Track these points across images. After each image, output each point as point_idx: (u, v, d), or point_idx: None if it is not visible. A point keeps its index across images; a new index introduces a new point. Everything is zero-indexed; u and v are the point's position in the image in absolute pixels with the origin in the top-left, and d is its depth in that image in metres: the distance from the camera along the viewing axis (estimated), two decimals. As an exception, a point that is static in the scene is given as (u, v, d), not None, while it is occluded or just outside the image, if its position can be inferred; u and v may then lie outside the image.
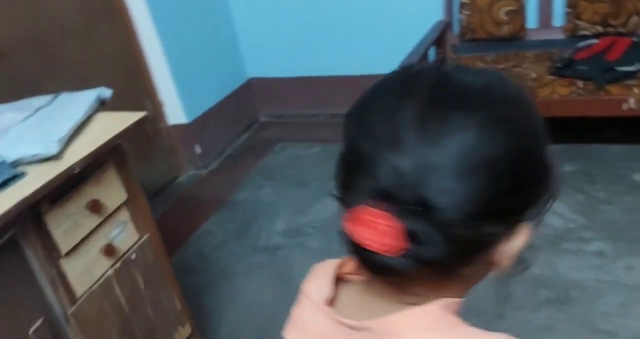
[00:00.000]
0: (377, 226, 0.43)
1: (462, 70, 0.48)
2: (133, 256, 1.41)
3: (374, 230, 0.43)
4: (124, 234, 1.38)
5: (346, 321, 0.49)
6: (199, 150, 3.02)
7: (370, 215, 0.43)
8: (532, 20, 2.56)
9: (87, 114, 1.33)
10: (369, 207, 0.43)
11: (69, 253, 1.21)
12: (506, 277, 1.75)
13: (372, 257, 0.44)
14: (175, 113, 2.86)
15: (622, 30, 2.31)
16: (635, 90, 2.11)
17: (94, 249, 1.29)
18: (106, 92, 1.43)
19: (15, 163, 1.14)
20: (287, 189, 2.65)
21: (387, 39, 2.94)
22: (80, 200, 1.23)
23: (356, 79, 3.11)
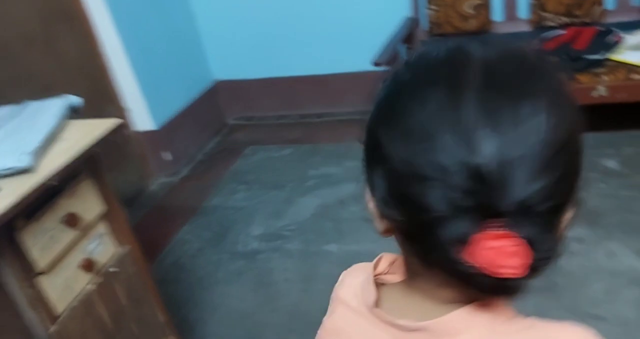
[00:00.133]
0: (504, 249, 0.37)
1: (494, 48, 0.43)
2: (113, 270, 1.34)
3: (503, 255, 0.37)
4: (103, 247, 1.32)
5: (401, 323, 0.46)
6: (169, 157, 2.94)
7: (490, 240, 0.38)
8: (498, 13, 2.58)
9: (58, 123, 1.26)
10: (483, 232, 0.38)
11: (47, 270, 1.15)
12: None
13: (502, 283, 0.39)
14: (142, 119, 2.77)
15: (587, 20, 2.35)
16: (603, 77, 2.14)
17: (73, 264, 1.23)
18: (76, 99, 1.37)
19: (-16, 178, 1.07)
20: (262, 192, 2.60)
21: (355, 37, 2.92)
22: (55, 214, 1.16)
23: (325, 78, 3.09)
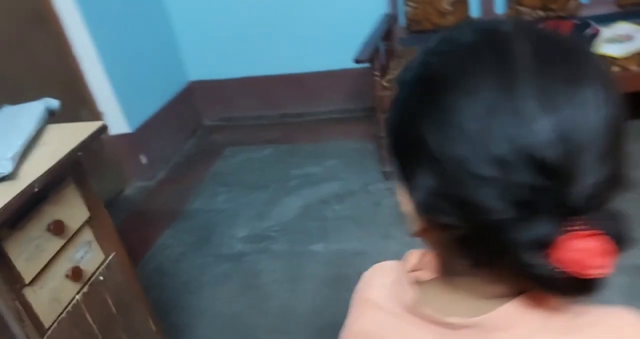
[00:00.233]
0: (593, 249, 0.36)
1: (530, 30, 0.40)
2: (101, 278, 1.30)
3: (592, 256, 0.36)
4: (90, 255, 1.27)
5: (449, 320, 0.44)
6: (145, 160, 2.87)
7: (577, 241, 0.36)
8: (475, 9, 2.59)
9: (38, 127, 1.21)
10: (567, 233, 0.36)
11: (33, 281, 1.10)
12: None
13: (586, 284, 0.37)
14: (116, 122, 2.70)
15: (562, 13, 2.37)
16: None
17: (59, 274, 1.18)
18: (54, 102, 1.32)
19: (-37, 186, 1.01)
20: (244, 194, 2.56)
21: (333, 35, 2.90)
22: (40, 222, 1.11)
23: (303, 77, 3.06)
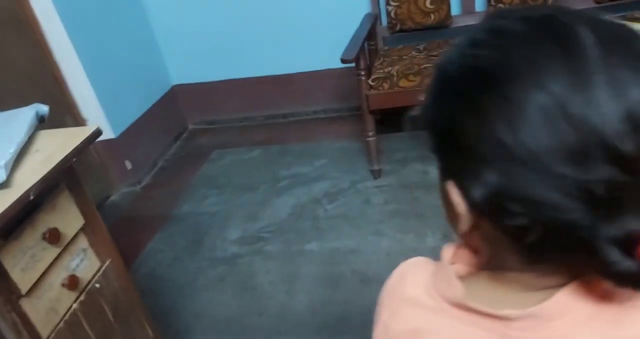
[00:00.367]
0: None
1: (584, 16, 0.40)
2: (97, 285, 1.27)
3: None
4: (86, 262, 1.25)
5: (504, 313, 0.43)
6: (130, 165, 2.84)
7: None
8: (456, 7, 2.61)
9: (29, 134, 1.19)
10: None
11: (29, 292, 1.07)
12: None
13: None
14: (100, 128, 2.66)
15: (544, 10, 2.40)
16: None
17: (56, 283, 1.15)
18: (43, 108, 1.29)
19: (-44, 196, 0.99)
20: (235, 196, 2.54)
21: (316, 35, 2.90)
22: (36, 231, 1.09)
23: (288, 78, 3.06)
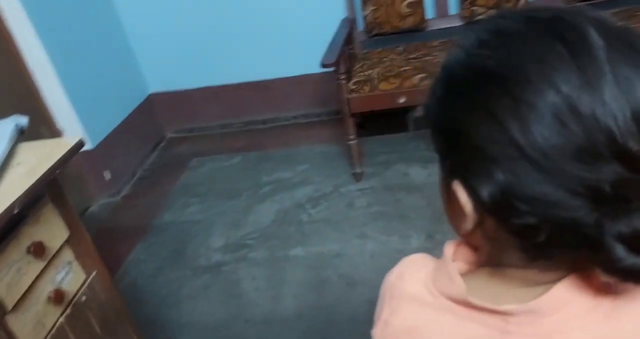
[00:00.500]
0: None
1: (589, 17, 0.41)
2: (84, 298, 1.26)
3: None
4: (71, 275, 1.23)
5: (505, 308, 0.44)
6: (109, 176, 2.81)
7: None
8: (430, 10, 2.65)
9: (10, 146, 1.17)
10: None
11: (15, 307, 1.06)
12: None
13: None
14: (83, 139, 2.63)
15: (516, 12, 2.44)
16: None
17: (42, 297, 1.14)
18: (22, 120, 1.28)
19: (-62, 212, 0.97)
20: (216, 203, 2.53)
21: (293, 40, 2.91)
22: (20, 244, 1.07)
23: (266, 84, 3.06)
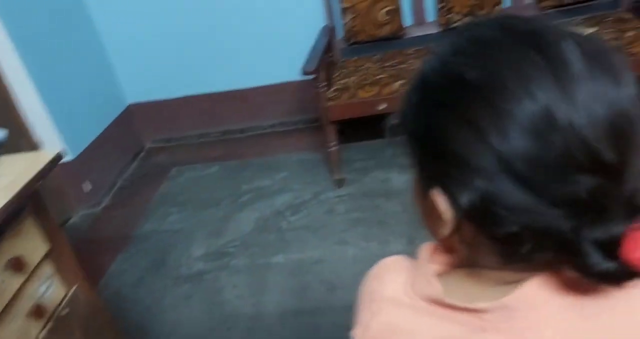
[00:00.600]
0: None
1: (557, 26, 0.42)
2: (65, 312, 1.26)
3: None
4: (52, 289, 1.23)
5: (479, 306, 0.45)
6: (89, 187, 2.79)
7: None
8: (408, 18, 2.68)
9: (-12, 161, 1.17)
10: (636, 231, 0.39)
11: (-4, 323, 1.05)
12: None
13: None
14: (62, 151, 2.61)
15: (490, 19, 2.50)
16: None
17: (22, 313, 1.13)
18: (1, 133, 1.28)
19: None
20: (196, 212, 2.53)
21: (271, 49, 2.92)
22: (0, 259, 1.07)
23: (243, 93, 3.07)
